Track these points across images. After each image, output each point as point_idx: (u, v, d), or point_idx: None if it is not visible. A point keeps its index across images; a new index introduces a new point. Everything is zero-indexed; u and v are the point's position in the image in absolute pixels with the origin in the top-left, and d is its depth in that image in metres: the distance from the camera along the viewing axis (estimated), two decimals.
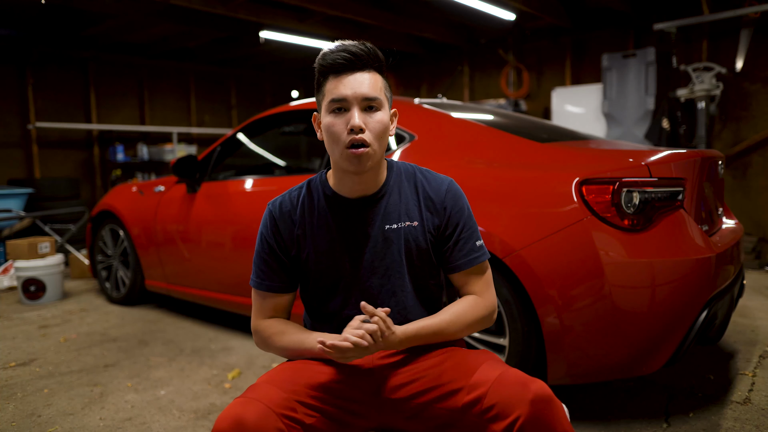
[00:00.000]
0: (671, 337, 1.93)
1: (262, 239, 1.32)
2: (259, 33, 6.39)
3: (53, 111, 7.10)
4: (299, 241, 1.30)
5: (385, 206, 1.29)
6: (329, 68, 1.19)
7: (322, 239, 1.29)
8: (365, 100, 1.18)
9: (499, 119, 2.81)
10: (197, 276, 3.41)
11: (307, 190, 1.33)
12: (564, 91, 6.54)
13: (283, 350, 1.30)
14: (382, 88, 1.22)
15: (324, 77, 1.22)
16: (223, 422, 1.04)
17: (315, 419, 1.15)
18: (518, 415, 1.03)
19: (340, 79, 1.18)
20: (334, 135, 1.19)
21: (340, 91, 1.17)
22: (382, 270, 1.28)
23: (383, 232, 1.28)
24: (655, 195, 1.95)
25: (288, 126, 3.43)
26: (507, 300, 2.08)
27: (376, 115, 1.19)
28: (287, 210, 1.31)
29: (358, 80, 1.18)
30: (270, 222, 1.31)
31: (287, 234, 1.30)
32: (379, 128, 1.19)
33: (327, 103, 1.20)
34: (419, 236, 1.29)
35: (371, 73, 1.20)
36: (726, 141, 5.68)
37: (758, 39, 5.39)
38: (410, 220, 1.29)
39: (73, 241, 5.87)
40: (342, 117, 1.18)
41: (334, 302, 1.31)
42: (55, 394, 2.52)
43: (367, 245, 1.28)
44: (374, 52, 1.21)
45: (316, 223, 1.30)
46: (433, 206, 1.31)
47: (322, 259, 1.29)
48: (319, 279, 1.31)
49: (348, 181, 1.26)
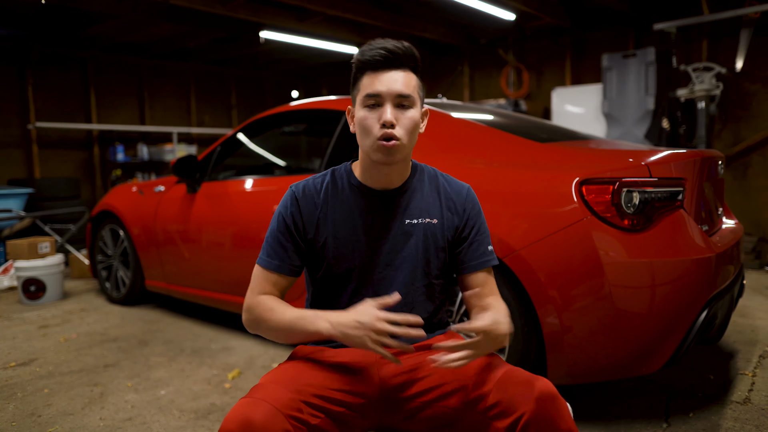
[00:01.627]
0: (671, 337, 1.93)
1: (280, 219, 1.32)
2: (259, 33, 6.39)
3: (53, 111, 7.10)
4: (319, 225, 1.32)
5: (408, 201, 1.33)
6: (366, 64, 1.23)
7: (343, 226, 1.31)
8: (399, 96, 1.21)
9: (499, 119, 2.81)
10: (197, 276, 3.41)
11: (331, 178, 1.36)
12: (564, 91, 6.54)
13: (276, 329, 1.25)
14: (416, 87, 1.26)
15: (360, 72, 1.25)
16: (230, 423, 1.04)
17: (320, 420, 1.15)
18: (523, 412, 1.03)
19: (376, 75, 1.22)
20: (366, 128, 1.23)
21: (375, 87, 1.21)
22: (398, 262, 1.31)
23: (403, 226, 1.31)
24: (655, 195, 1.95)
25: (288, 126, 3.43)
26: (507, 300, 2.07)
27: (408, 112, 1.23)
28: (311, 193, 1.33)
29: (393, 78, 1.21)
30: (291, 203, 1.32)
31: (308, 216, 1.31)
32: (410, 124, 1.23)
33: (362, 98, 1.24)
34: (438, 234, 1.33)
35: (406, 71, 1.24)
36: (726, 141, 5.68)
37: (758, 39, 5.39)
38: (431, 217, 1.33)
39: (73, 241, 5.87)
40: (375, 111, 1.22)
41: (345, 291, 1.33)
42: (55, 394, 2.52)
43: (386, 237, 1.31)
44: (411, 51, 1.24)
45: (339, 209, 1.32)
46: (454, 207, 1.35)
47: (340, 245, 1.31)
48: (334, 265, 1.32)
49: (375, 173, 1.30)
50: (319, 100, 3.10)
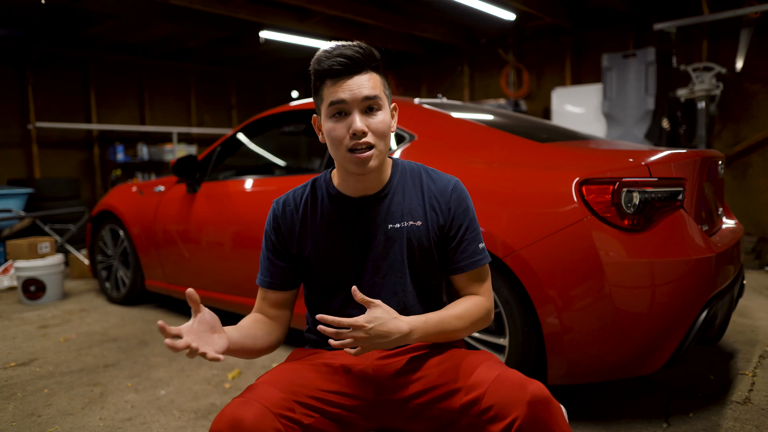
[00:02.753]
0: (671, 337, 1.93)
1: (266, 236, 1.35)
2: (259, 33, 6.39)
3: (53, 111, 7.10)
4: (300, 239, 1.31)
5: (389, 205, 1.29)
6: (326, 73, 1.18)
7: (324, 238, 1.30)
8: (365, 100, 1.17)
9: (499, 119, 2.81)
10: (197, 276, 3.41)
11: (311, 189, 1.34)
12: (564, 91, 6.54)
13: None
14: (381, 86, 1.21)
15: (321, 81, 1.21)
16: (220, 423, 1.04)
17: (314, 419, 1.14)
18: (516, 416, 1.02)
19: (338, 84, 1.17)
20: (336, 139, 1.18)
21: (339, 96, 1.16)
22: (384, 269, 1.28)
23: (386, 231, 1.28)
24: (655, 195, 1.95)
25: (288, 126, 3.43)
26: (507, 300, 2.08)
27: (378, 115, 1.19)
28: (290, 208, 1.33)
29: (356, 83, 1.16)
30: (273, 220, 1.34)
31: (288, 232, 1.32)
32: (382, 128, 1.19)
33: (326, 108, 1.19)
34: (422, 236, 1.29)
35: (369, 74, 1.19)
36: (726, 141, 5.68)
37: (758, 39, 5.39)
38: (413, 219, 1.29)
39: (73, 241, 5.87)
40: (343, 121, 1.18)
41: (335, 301, 1.32)
42: (55, 394, 2.52)
43: (369, 244, 1.28)
44: (370, 52, 1.19)
45: (319, 222, 1.30)
46: (438, 206, 1.30)
47: (323, 257, 1.30)
48: (321, 277, 1.32)
49: (351, 181, 1.27)
50: None
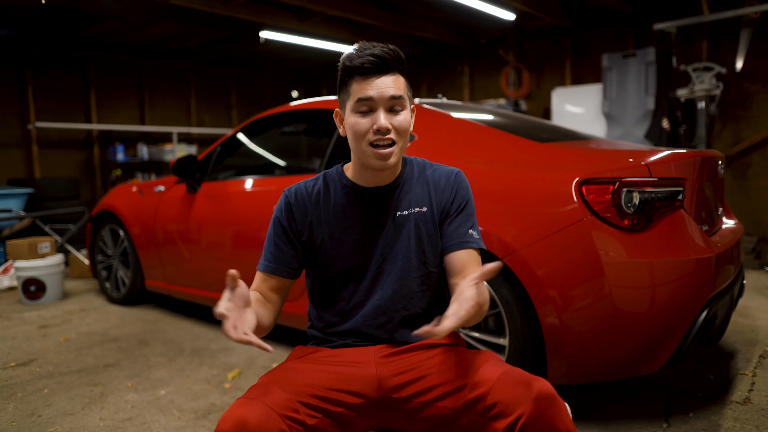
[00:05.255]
0: (671, 337, 1.93)
1: (276, 222, 1.36)
2: (259, 33, 6.39)
3: (53, 111, 7.10)
4: (312, 228, 1.34)
5: (399, 194, 1.35)
6: (356, 70, 1.24)
7: (337, 226, 1.34)
8: (391, 99, 1.23)
9: (499, 119, 2.81)
10: (197, 276, 3.41)
11: (323, 180, 1.39)
12: (564, 91, 6.54)
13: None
14: (405, 88, 1.28)
15: (349, 78, 1.26)
16: (225, 423, 1.04)
17: (317, 420, 1.15)
18: (521, 413, 1.03)
19: (366, 82, 1.23)
20: (359, 133, 1.25)
21: (367, 94, 1.23)
22: (392, 256, 1.33)
23: (395, 219, 1.34)
24: (655, 195, 1.95)
25: (288, 126, 3.43)
26: (507, 300, 2.08)
27: (400, 115, 1.25)
28: (303, 197, 1.36)
29: (384, 83, 1.23)
30: (285, 207, 1.36)
31: (301, 219, 1.35)
32: (404, 126, 1.26)
33: (353, 104, 1.25)
34: (429, 221, 1.35)
35: (396, 75, 1.25)
36: (726, 141, 5.68)
37: (758, 39, 5.39)
38: (420, 206, 1.35)
39: (73, 241, 5.87)
40: (368, 117, 1.24)
41: (345, 290, 1.35)
42: (55, 394, 2.52)
43: (379, 233, 1.33)
44: (398, 54, 1.26)
45: (332, 210, 1.35)
46: (441, 189, 1.37)
47: (336, 245, 1.33)
48: (332, 266, 1.34)
49: (368, 174, 1.32)
50: (319, 100, 3.10)
